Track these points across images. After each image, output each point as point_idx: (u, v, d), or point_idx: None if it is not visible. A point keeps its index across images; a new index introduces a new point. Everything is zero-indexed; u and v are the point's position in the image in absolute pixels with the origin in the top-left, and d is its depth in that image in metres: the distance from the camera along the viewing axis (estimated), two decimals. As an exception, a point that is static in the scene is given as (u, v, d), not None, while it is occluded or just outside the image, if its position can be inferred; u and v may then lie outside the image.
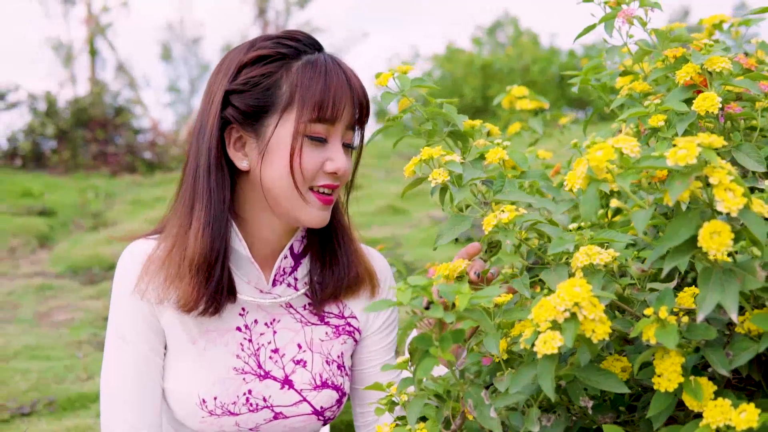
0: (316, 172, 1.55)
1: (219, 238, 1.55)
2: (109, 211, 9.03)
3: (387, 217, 7.77)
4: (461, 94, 16.15)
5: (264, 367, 1.63)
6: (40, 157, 13.06)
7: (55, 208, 8.90)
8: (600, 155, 1.05)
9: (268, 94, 1.54)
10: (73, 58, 16.29)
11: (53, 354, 4.23)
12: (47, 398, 3.54)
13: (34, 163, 12.95)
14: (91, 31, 15.88)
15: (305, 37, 1.60)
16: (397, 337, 1.13)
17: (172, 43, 24.10)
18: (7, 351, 4.25)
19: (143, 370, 1.58)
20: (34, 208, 8.78)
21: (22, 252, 7.23)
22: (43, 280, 6.16)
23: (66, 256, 6.96)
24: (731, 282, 1.01)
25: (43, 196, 9.44)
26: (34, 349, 4.29)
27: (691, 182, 0.99)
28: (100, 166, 12.56)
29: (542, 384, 1.06)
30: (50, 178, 11.15)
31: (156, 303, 1.57)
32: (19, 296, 5.74)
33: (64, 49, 17.60)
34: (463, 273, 1.38)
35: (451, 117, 1.60)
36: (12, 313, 5.30)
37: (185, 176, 1.62)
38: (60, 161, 12.71)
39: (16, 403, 3.51)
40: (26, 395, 3.57)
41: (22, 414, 3.41)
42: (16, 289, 5.88)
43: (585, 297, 1.04)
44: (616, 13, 1.54)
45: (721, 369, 1.06)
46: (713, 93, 1.30)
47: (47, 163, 12.84)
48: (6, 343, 4.42)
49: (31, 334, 4.67)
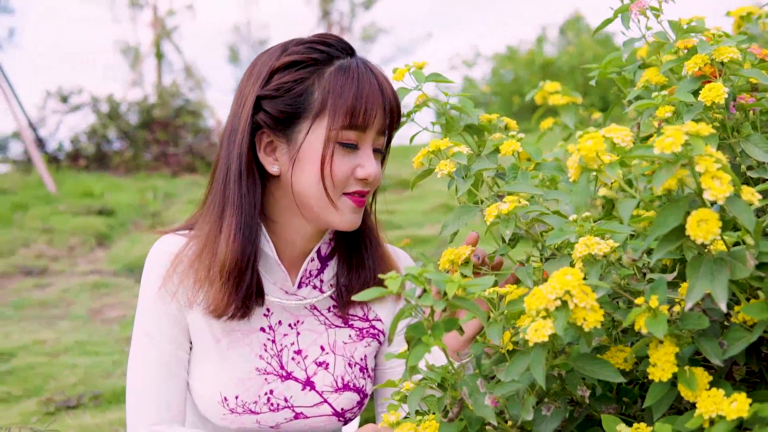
0: (347, 179, 1.54)
1: (250, 243, 1.56)
2: (167, 211, 9.16)
3: (441, 216, 7.76)
4: (521, 93, 16.04)
5: (286, 368, 1.64)
6: (103, 158, 13.29)
7: (114, 207, 9.05)
8: (590, 144, 1.06)
9: (300, 100, 1.53)
10: (140, 60, 16.55)
11: (102, 349, 4.33)
12: (93, 392, 3.62)
13: (97, 164, 13.17)
14: (157, 35, 16.12)
15: (337, 42, 1.58)
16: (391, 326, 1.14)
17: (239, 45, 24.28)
18: (58, 346, 4.36)
19: (168, 365, 1.59)
20: (93, 207, 8.93)
21: (81, 251, 7.38)
22: (98, 278, 6.29)
23: (123, 255, 7.09)
24: (721, 271, 1.01)
25: (104, 196, 9.61)
26: (84, 345, 4.39)
27: (677, 170, 0.99)
28: (161, 167, 12.73)
29: (534, 372, 1.07)
30: (112, 179, 11.33)
31: (186, 306, 1.59)
32: (74, 293, 5.86)
33: (131, 53, 17.93)
34: (468, 259, 1.39)
35: (467, 111, 1.61)
36: (66, 310, 5.42)
37: (215, 179, 1.62)
38: (122, 162, 12.91)
39: (62, 396, 3.60)
40: (73, 389, 3.66)
41: (68, 407, 3.49)
42: (72, 286, 6.01)
43: (576, 285, 1.05)
44: (630, 5, 1.53)
45: (714, 359, 1.06)
46: (720, 83, 1.29)
47: (110, 164, 13.06)
48: (57, 338, 4.53)
49: (83, 330, 4.78)
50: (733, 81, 1.41)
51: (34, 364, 4.02)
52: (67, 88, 13.85)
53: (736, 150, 1.37)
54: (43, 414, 3.39)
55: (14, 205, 8.84)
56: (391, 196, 8.16)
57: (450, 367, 1.20)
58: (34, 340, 4.52)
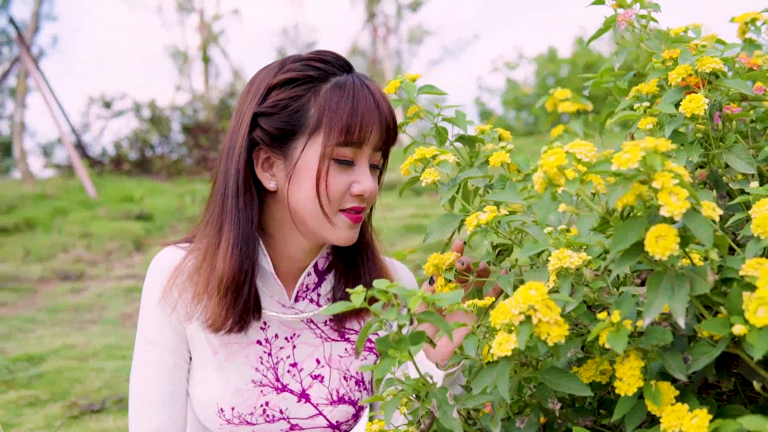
0: (343, 195, 1.56)
1: (247, 258, 1.57)
2: (204, 215, 9.23)
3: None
4: (562, 94, 15.87)
5: (282, 381, 1.66)
6: (145, 163, 13.43)
7: (152, 212, 9.16)
8: (551, 161, 1.06)
9: (296, 117, 1.55)
10: (189, 65, 16.73)
11: (130, 354, 4.38)
12: (117, 396, 3.68)
13: (139, 168, 13.32)
14: (204, 39, 16.28)
15: (334, 59, 1.59)
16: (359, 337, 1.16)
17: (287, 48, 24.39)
18: (87, 350, 4.43)
19: (169, 374, 1.63)
20: (132, 212, 9.06)
21: (118, 255, 7.49)
22: (133, 283, 6.37)
23: (159, 259, 7.15)
24: (682, 287, 1.01)
25: (143, 201, 9.73)
26: (112, 349, 4.45)
27: (632, 187, 0.99)
28: (201, 171, 12.84)
29: (499, 386, 1.08)
30: (153, 183, 11.46)
31: (185, 320, 1.61)
32: (108, 298, 5.95)
33: (180, 57, 18.14)
34: (452, 265, 1.40)
35: (457, 123, 1.62)
36: (99, 314, 5.50)
37: (214, 194, 1.64)
38: (163, 166, 13.04)
39: (87, 400, 3.66)
40: (98, 393, 3.72)
41: (92, 411, 3.55)
42: (107, 291, 6.09)
43: (539, 300, 1.05)
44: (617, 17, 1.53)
45: (677, 374, 1.05)
46: (700, 95, 1.29)
47: (151, 169, 13.20)
48: (87, 342, 4.60)
49: (113, 335, 4.85)
50: (722, 90, 1.41)
51: (63, 368, 4.09)
52: (109, 94, 14.05)
53: (720, 161, 1.37)
54: (67, 418, 3.45)
55: (55, 210, 9.00)
56: (426, 200, 8.18)
57: (422, 378, 1.21)
58: (64, 344, 4.60)
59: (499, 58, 20.16)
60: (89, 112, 14.17)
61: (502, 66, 19.34)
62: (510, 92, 18.81)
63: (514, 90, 18.63)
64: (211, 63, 16.68)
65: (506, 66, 19.26)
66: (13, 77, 14.16)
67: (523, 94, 18.09)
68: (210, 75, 16.54)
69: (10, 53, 17.21)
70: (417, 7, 20.52)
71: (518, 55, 19.67)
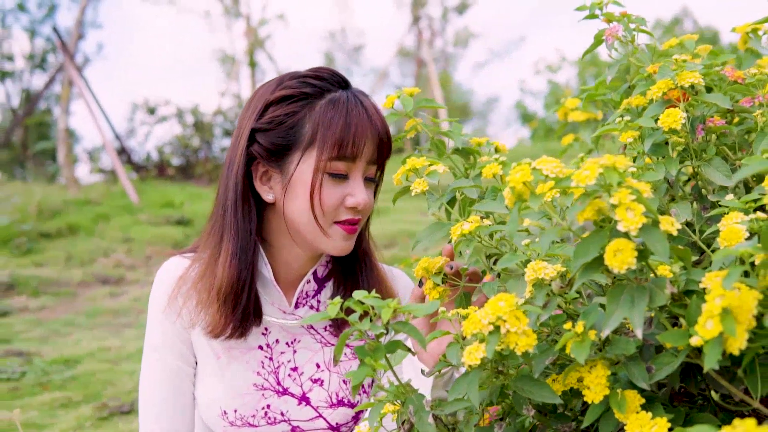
0: (337, 207, 1.62)
1: (246, 268, 1.65)
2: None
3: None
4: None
5: (283, 384, 1.72)
6: (188, 168, 13.57)
7: (192, 217, 9.29)
8: (518, 177, 1.10)
9: (292, 133, 1.61)
10: (236, 69, 16.89)
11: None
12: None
13: (182, 174, 13.47)
14: (250, 43, 16.42)
15: (330, 75, 1.66)
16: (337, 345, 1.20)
17: (334, 52, 24.45)
18: (121, 353, 4.53)
19: (175, 379, 1.70)
20: (172, 217, 9.19)
21: (157, 260, 7.61)
22: (171, 287, 6.45)
23: (196, 264, 7.25)
24: (642, 298, 1.04)
25: (183, 206, 9.86)
26: (145, 352, 4.53)
27: (590, 202, 1.03)
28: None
29: (469, 393, 1.12)
30: (194, 189, 11.60)
31: (189, 327, 1.69)
32: (145, 302, 6.04)
33: (228, 62, 18.32)
34: (441, 269, 1.45)
35: (452, 136, 1.66)
36: (135, 318, 5.61)
37: (216, 206, 1.73)
38: (205, 172, 13.17)
39: (117, 402, 3.75)
40: (128, 395, 3.81)
41: (121, 412, 3.64)
42: (144, 295, 6.20)
43: (507, 311, 1.09)
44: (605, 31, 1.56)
45: (640, 382, 1.09)
46: (677, 109, 1.32)
47: (194, 174, 13.33)
48: (121, 345, 4.70)
49: (147, 338, 4.93)
50: (707, 103, 1.43)
51: (96, 370, 4.20)
52: (153, 100, 14.21)
53: (702, 174, 1.39)
54: (96, 419, 3.54)
55: (98, 216, 9.16)
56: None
57: (402, 386, 1.25)
58: (100, 347, 4.71)
59: (541, 61, 20.07)
60: (134, 118, 14.39)
61: (543, 69, 19.26)
62: (552, 95, 18.74)
63: (556, 93, 18.55)
64: (258, 68, 16.82)
65: (548, 69, 19.18)
66: (58, 84, 14.44)
67: (564, 97, 17.97)
68: (256, 80, 16.68)
69: (55, 61, 17.56)
70: (463, 9, 20.50)
71: (560, 58, 19.58)
